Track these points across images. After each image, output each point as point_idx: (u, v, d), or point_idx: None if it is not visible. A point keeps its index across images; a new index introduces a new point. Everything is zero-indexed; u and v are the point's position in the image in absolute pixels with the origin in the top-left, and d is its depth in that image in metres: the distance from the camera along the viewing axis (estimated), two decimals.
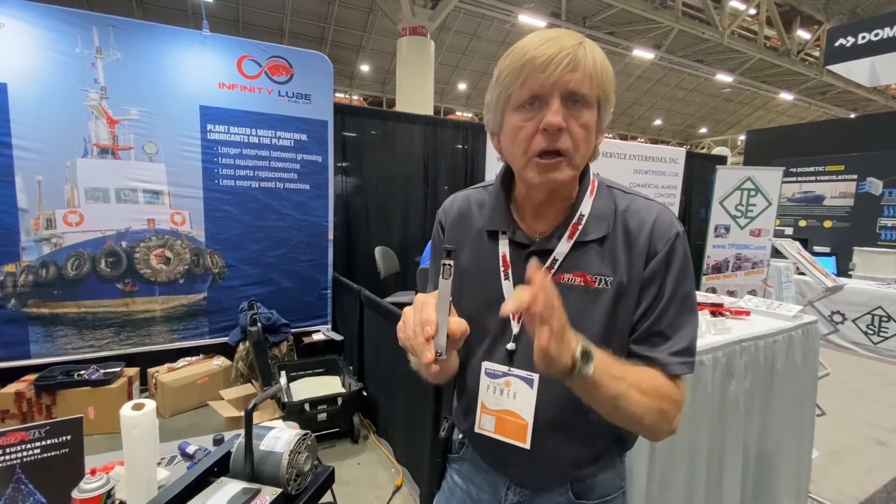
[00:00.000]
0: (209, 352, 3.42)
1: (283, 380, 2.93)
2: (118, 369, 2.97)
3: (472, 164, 4.89)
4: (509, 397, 0.74)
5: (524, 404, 0.73)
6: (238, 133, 3.33)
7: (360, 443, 2.79)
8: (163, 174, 3.14)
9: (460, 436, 0.90)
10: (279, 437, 0.97)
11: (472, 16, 12.23)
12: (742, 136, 16.13)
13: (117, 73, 2.95)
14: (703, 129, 23.16)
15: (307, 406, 2.61)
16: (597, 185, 0.78)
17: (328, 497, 1.08)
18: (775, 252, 4.18)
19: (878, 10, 11.16)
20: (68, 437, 1.05)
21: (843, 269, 5.37)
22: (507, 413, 0.74)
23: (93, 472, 0.94)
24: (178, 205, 3.20)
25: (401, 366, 2.38)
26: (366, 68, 14.82)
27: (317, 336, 3.61)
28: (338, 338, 3.57)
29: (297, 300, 3.65)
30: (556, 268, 0.74)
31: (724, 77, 15.32)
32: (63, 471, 1.03)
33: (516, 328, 0.76)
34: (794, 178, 6.63)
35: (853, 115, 15.97)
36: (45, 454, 1.02)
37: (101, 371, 2.90)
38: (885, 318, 4.70)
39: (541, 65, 0.64)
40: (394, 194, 4.58)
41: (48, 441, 1.03)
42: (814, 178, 6.54)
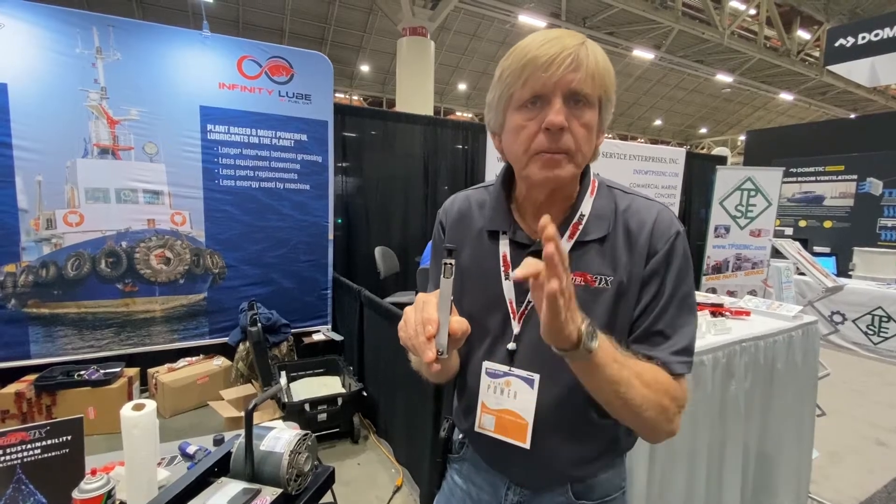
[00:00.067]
0: (209, 352, 3.42)
1: (283, 380, 2.93)
2: (118, 369, 2.97)
3: (472, 165, 4.90)
4: (510, 397, 0.74)
5: (524, 404, 0.73)
6: (238, 133, 3.33)
7: (360, 443, 2.79)
8: (163, 174, 3.14)
9: (460, 436, 0.90)
10: (279, 437, 0.97)
11: (472, 16, 12.24)
12: (742, 137, 16.13)
13: (117, 73, 2.95)
14: (703, 130, 23.16)
15: (307, 406, 2.61)
16: (597, 185, 0.78)
17: (328, 497, 1.08)
18: (775, 252, 4.18)
19: (878, 10, 11.17)
20: (69, 438, 1.05)
21: (843, 270, 5.37)
22: (507, 413, 0.74)
23: (93, 473, 0.94)
24: (178, 205, 3.20)
25: (401, 366, 2.38)
26: (366, 68, 14.83)
27: (317, 336, 3.61)
28: (338, 338, 3.57)
29: (298, 300, 3.65)
30: None
31: (724, 77, 15.33)
32: (63, 471, 1.03)
33: (517, 328, 0.76)
34: (794, 179, 6.63)
35: (853, 116, 15.98)
36: (46, 454, 1.02)
37: (102, 371, 2.91)
38: (885, 319, 4.70)
39: (543, 64, 0.64)
40: (394, 194, 4.58)
41: (48, 441, 1.03)
42: (814, 178, 6.54)
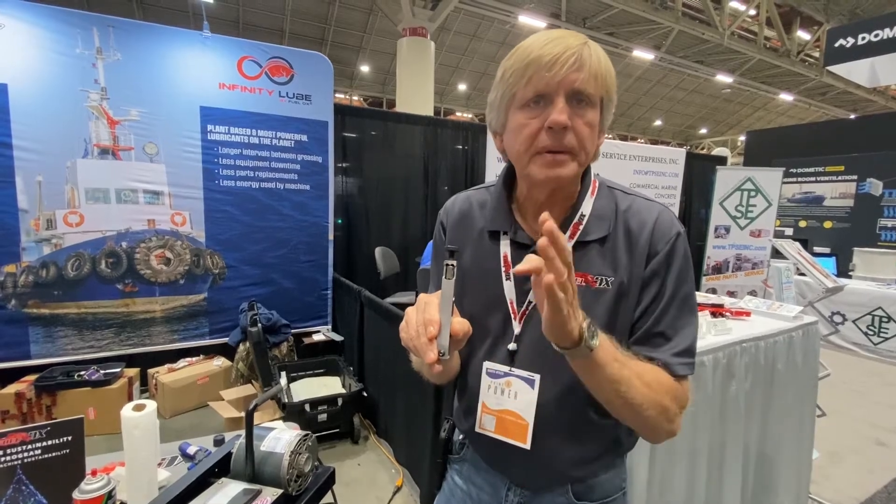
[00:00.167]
0: (209, 352, 3.42)
1: (283, 380, 2.93)
2: (118, 370, 2.97)
3: (473, 165, 4.90)
4: (510, 397, 0.74)
5: (525, 405, 0.73)
6: (238, 134, 3.33)
7: (360, 443, 2.79)
8: (163, 175, 3.14)
9: (461, 436, 0.90)
10: (280, 437, 0.97)
11: (472, 16, 12.24)
12: (742, 137, 16.13)
13: (118, 73, 2.95)
14: (703, 130, 23.17)
15: (307, 407, 2.61)
16: (598, 185, 0.78)
17: (329, 498, 1.08)
18: (775, 253, 4.17)
19: (877, 10, 11.17)
20: (69, 438, 1.05)
21: (843, 270, 5.38)
22: (507, 413, 0.74)
23: (93, 473, 0.94)
24: (178, 205, 3.20)
25: (401, 366, 2.38)
26: (366, 69, 14.83)
27: (317, 336, 3.61)
28: (338, 338, 3.57)
29: (298, 301, 3.65)
30: None
31: (724, 78, 15.33)
32: (64, 472, 1.03)
33: (518, 328, 0.76)
34: (794, 179, 6.63)
35: (853, 116, 15.98)
36: (46, 455, 1.02)
37: (102, 372, 2.91)
38: (885, 319, 4.70)
39: (546, 63, 0.64)
40: (394, 195, 4.58)
41: (49, 442, 1.03)
42: (814, 178, 6.54)
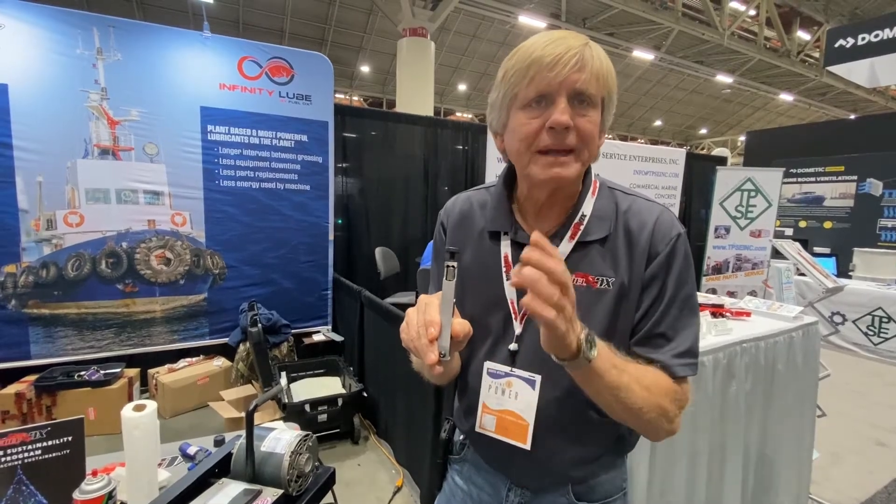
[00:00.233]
0: (209, 353, 3.42)
1: (283, 381, 2.92)
2: (118, 370, 2.97)
3: (473, 165, 4.90)
4: (511, 398, 0.74)
5: (526, 405, 0.73)
6: (239, 134, 3.33)
7: (360, 444, 2.79)
8: (163, 175, 3.14)
9: (461, 437, 0.90)
10: (280, 438, 0.97)
11: (472, 17, 12.23)
12: (742, 137, 16.14)
13: (118, 73, 2.95)
14: (703, 130, 23.17)
15: (307, 407, 2.61)
16: (598, 185, 0.78)
17: (329, 498, 1.08)
18: (775, 253, 4.17)
19: (877, 11, 11.18)
20: (69, 438, 1.05)
21: (843, 270, 5.37)
22: (508, 413, 0.74)
23: (94, 474, 0.94)
24: (178, 206, 3.20)
25: (401, 367, 2.38)
26: (366, 69, 14.83)
27: (317, 337, 3.61)
28: (338, 339, 3.57)
29: (298, 301, 3.65)
30: None
31: (724, 78, 15.33)
32: (64, 472, 1.03)
33: (519, 329, 0.76)
34: (794, 179, 6.62)
35: (853, 116, 15.98)
36: (47, 455, 1.02)
37: (102, 372, 2.91)
38: (885, 319, 4.70)
39: (548, 64, 0.64)
40: (394, 195, 4.58)
41: (49, 442, 1.02)
42: (814, 178, 6.53)
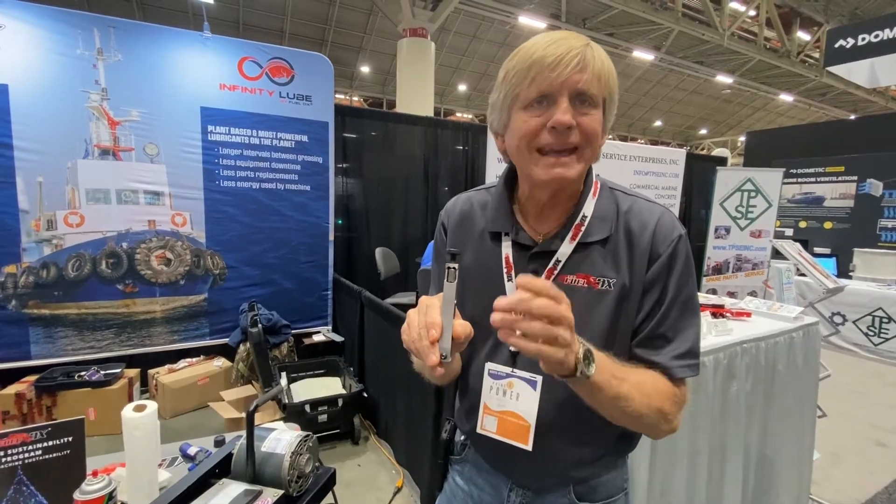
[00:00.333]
0: (210, 353, 3.42)
1: (283, 381, 2.92)
2: (119, 370, 2.97)
3: (473, 165, 4.90)
4: (512, 398, 0.74)
5: (527, 406, 0.73)
6: (239, 134, 3.33)
7: (360, 444, 2.79)
8: (163, 175, 3.14)
9: (462, 437, 0.90)
10: (280, 438, 0.97)
11: (473, 17, 12.24)
12: (742, 138, 16.14)
13: (118, 74, 2.95)
14: (704, 131, 23.17)
15: (308, 407, 2.61)
16: (599, 186, 0.78)
17: (329, 498, 1.08)
18: (776, 253, 4.18)
19: (877, 11, 11.19)
20: (70, 439, 1.05)
21: (843, 271, 5.37)
22: (509, 414, 0.74)
23: (94, 474, 0.94)
24: (178, 206, 3.20)
25: (401, 367, 2.38)
26: (366, 70, 14.83)
27: (317, 337, 3.60)
28: (338, 339, 3.56)
29: (298, 301, 3.65)
30: (559, 269, 0.73)
31: (724, 78, 15.33)
32: (64, 472, 1.03)
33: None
34: (795, 180, 6.62)
35: (853, 117, 15.99)
36: (47, 455, 1.02)
37: (102, 372, 2.91)
38: (885, 320, 4.70)
39: (550, 64, 0.64)
40: (394, 195, 4.58)
41: (50, 442, 1.02)
42: (814, 179, 6.53)
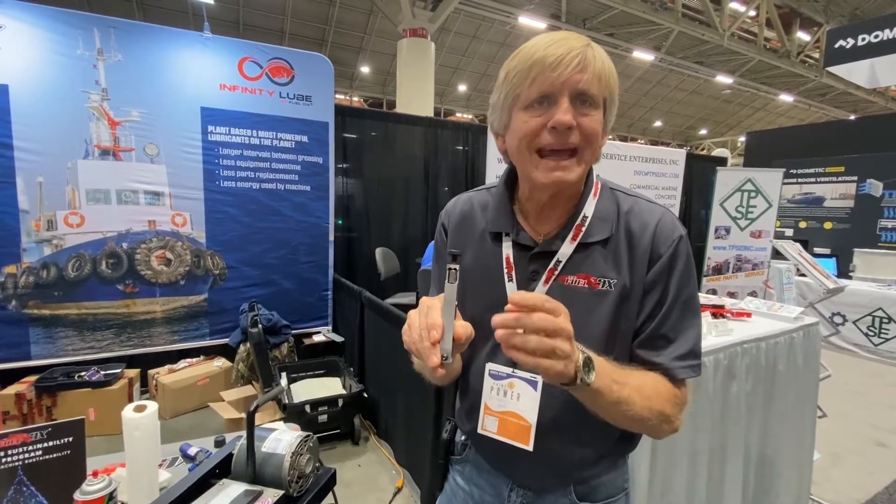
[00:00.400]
0: (210, 353, 3.42)
1: (283, 381, 2.92)
2: (119, 371, 2.97)
3: (473, 166, 4.90)
4: (513, 399, 0.74)
5: (528, 406, 0.72)
6: (239, 134, 3.33)
7: (360, 444, 2.79)
8: (164, 175, 3.14)
9: (463, 437, 0.90)
10: (281, 438, 0.97)
11: (473, 17, 12.24)
12: (742, 138, 16.14)
13: (118, 74, 2.95)
14: (703, 131, 23.17)
15: (308, 407, 2.61)
16: (600, 186, 0.78)
17: (329, 499, 1.07)
18: (776, 253, 4.18)
19: (877, 11, 11.19)
20: (70, 439, 1.05)
21: (843, 271, 5.37)
22: (510, 415, 0.74)
23: (94, 474, 0.94)
24: (178, 206, 3.20)
25: (401, 367, 2.37)
26: (366, 70, 14.83)
27: (317, 337, 3.60)
28: (338, 339, 3.56)
29: (298, 301, 3.65)
30: (559, 269, 0.73)
31: (723, 78, 15.33)
32: (65, 473, 1.03)
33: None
34: (795, 180, 6.63)
35: (853, 117, 15.99)
36: (47, 456, 1.02)
37: (102, 372, 2.90)
38: (885, 320, 4.70)
39: (551, 64, 0.64)
40: (394, 195, 4.58)
41: (50, 443, 1.02)
42: (814, 179, 6.54)
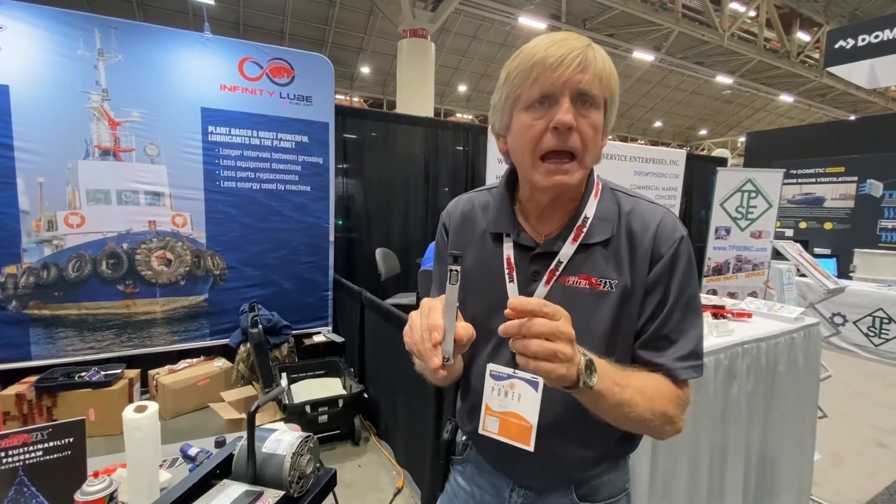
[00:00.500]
0: (210, 353, 3.42)
1: (283, 381, 2.92)
2: (119, 371, 2.97)
3: (473, 166, 4.90)
4: (514, 399, 0.73)
5: (529, 407, 0.72)
6: (239, 135, 3.33)
7: (360, 445, 2.79)
8: (164, 176, 3.14)
9: (464, 437, 0.90)
10: (281, 439, 0.97)
11: (473, 18, 12.25)
12: (742, 138, 16.14)
13: (119, 75, 2.95)
14: (704, 131, 23.17)
15: (308, 408, 2.61)
16: (601, 187, 0.78)
17: (330, 499, 1.07)
18: (776, 254, 4.18)
19: (877, 11, 11.19)
20: (71, 440, 1.05)
21: (843, 271, 5.37)
22: (511, 415, 0.74)
23: (95, 475, 0.94)
24: (179, 206, 3.20)
25: (402, 368, 2.37)
26: (366, 70, 14.84)
27: (317, 338, 3.60)
28: (338, 339, 3.56)
29: (298, 302, 3.65)
30: (560, 270, 0.73)
31: (724, 79, 15.34)
32: (65, 473, 1.03)
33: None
34: (795, 180, 6.63)
35: (853, 117, 15.99)
36: (48, 456, 1.02)
37: (102, 373, 2.90)
38: (885, 321, 4.69)
39: (552, 64, 0.64)
40: (394, 196, 4.59)
41: (51, 443, 1.02)
42: (814, 179, 6.54)
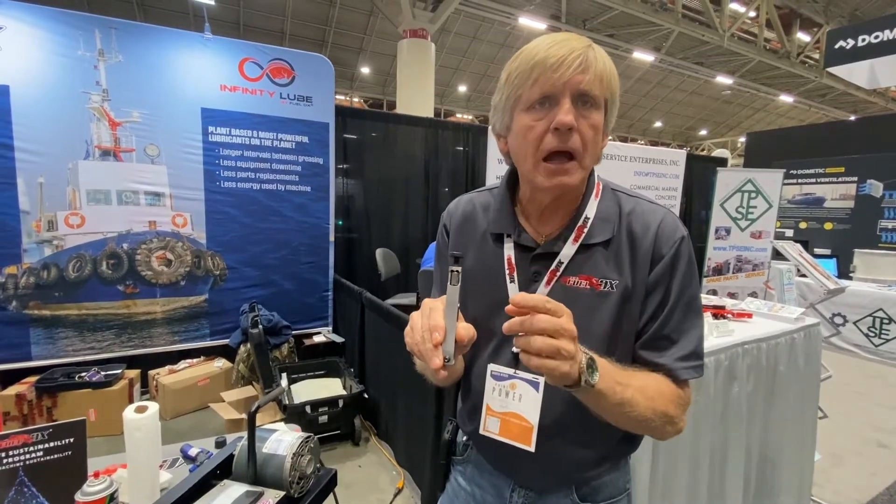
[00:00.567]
0: (210, 354, 3.42)
1: (284, 382, 2.92)
2: (119, 371, 2.97)
3: (473, 166, 4.90)
4: (515, 400, 0.74)
5: (530, 407, 0.72)
6: (239, 135, 3.34)
7: (361, 445, 2.79)
8: (164, 176, 3.14)
9: (464, 438, 0.90)
10: (282, 439, 0.96)
11: (473, 18, 12.26)
12: (742, 139, 16.15)
13: (119, 75, 2.95)
14: (704, 132, 23.18)
15: (308, 408, 2.61)
16: (601, 187, 0.78)
17: (330, 500, 1.07)
18: (776, 254, 4.18)
19: (877, 12, 11.20)
20: (71, 440, 1.05)
21: (843, 272, 5.37)
22: (512, 416, 0.74)
23: (95, 475, 0.94)
24: (179, 207, 3.20)
25: (402, 368, 2.37)
26: (366, 71, 14.84)
27: (318, 338, 3.60)
28: (339, 340, 3.56)
29: (298, 302, 3.65)
30: (561, 271, 0.73)
31: (724, 79, 15.35)
32: (66, 474, 1.02)
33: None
34: (795, 180, 6.63)
35: (853, 118, 15.99)
36: (48, 457, 1.02)
37: (102, 373, 2.91)
38: (886, 321, 4.69)
39: (552, 65, 0.64)
40: (394, 196, 4.59)
41: (51, 444, 1.02)
42: (814, 180, 6.54)
